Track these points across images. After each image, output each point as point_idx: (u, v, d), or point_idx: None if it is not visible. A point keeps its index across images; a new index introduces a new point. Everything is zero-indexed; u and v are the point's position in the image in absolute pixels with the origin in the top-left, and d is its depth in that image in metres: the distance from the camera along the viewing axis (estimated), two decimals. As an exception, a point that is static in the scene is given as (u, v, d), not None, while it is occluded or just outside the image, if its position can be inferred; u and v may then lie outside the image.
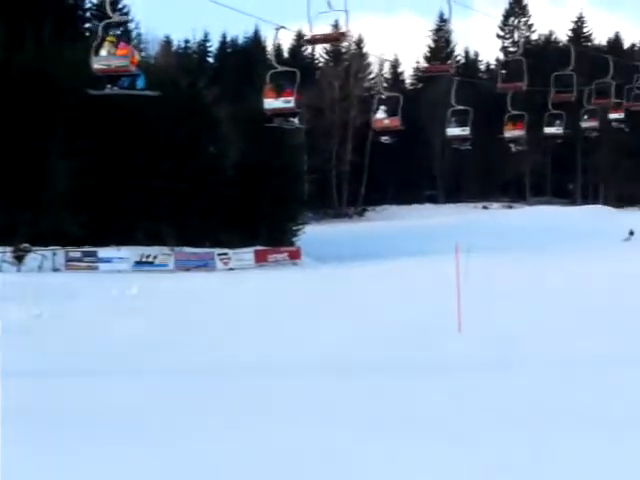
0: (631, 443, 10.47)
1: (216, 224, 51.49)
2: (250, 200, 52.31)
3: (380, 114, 35.31)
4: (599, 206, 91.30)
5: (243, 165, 53.66)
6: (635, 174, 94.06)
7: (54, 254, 48.22)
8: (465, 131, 38.53)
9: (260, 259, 51.25)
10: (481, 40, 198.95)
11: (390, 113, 35.19)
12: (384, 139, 39.90)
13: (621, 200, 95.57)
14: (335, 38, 31.61)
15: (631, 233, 64.51)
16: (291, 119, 32.28)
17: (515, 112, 41.40)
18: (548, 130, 46.62)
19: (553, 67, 52.94)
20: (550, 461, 9.89)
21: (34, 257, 47.35)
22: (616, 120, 58.48)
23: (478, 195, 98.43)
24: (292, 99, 29.80)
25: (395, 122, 34.84)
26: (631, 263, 46.52)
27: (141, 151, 49.48)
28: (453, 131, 39.12)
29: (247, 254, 51.04)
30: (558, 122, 46.46)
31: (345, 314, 29.22)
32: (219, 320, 27.73)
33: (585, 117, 52.02)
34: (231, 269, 48.93)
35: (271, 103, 30.15)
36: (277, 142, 54.38)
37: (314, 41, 31.53)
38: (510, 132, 41.93)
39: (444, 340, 22.26)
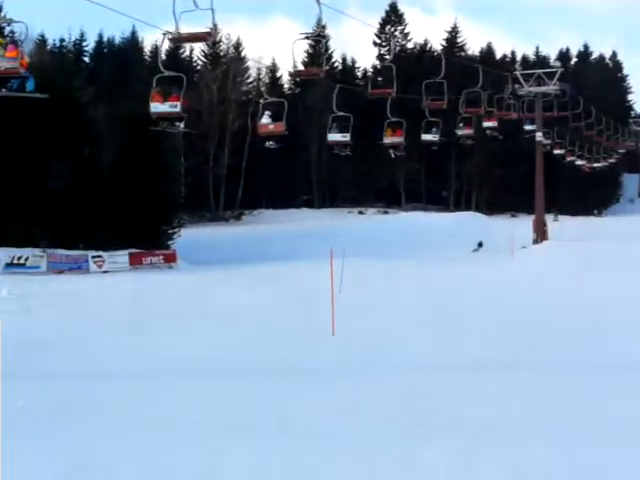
0: (487, 446, 10.79)
1: (90, 226, 50.56)
2: (125, 202, 51.51)
3: (265, 119, 35.66)
4: (471, 212, 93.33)
5: (118, 166, 52.84)
6: (505, 181, 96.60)
7: None
8: (346, 137, 38.99)
9: (135, 262, 50.65)
10: (359, 47, 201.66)
11: (274, 118, 35.49)
12: (269, 144, 39.88)
13: (492, 207, 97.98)
14: (201, 37, 31.37)
15: (480, 245, 65.82)
16: (177, 123, 32.92)
17: (394, 119, 42.18)
18: (425, 137, 47.76)
19: (428, 75, 53.97)
20: (411, 468, 10.11)
21: None
22: (489, 128, 60.25)
23: (354, 200, 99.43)
24: (178, 104, 30.00)
25: (279, 127, 35.25)
26: (499, 267, 47.86)
27: (13, 151, 48.29)
28: (334, 137, 39.58)
29: (122, 257, 50.38)
30: (434, 129, 47.57)
31: (219, 318, 29.17)
32: (87, 323, 27.34)
33: (460, 125, 53.47)
34: (105, 272, 48.26)
35: (157, 107, 30.30)
36: (154, 144, 53.79)
37: (180, 40, 31.50)
38: (389, 138, 42.81)
39: (317, 344, 22.47)
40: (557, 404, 13.50)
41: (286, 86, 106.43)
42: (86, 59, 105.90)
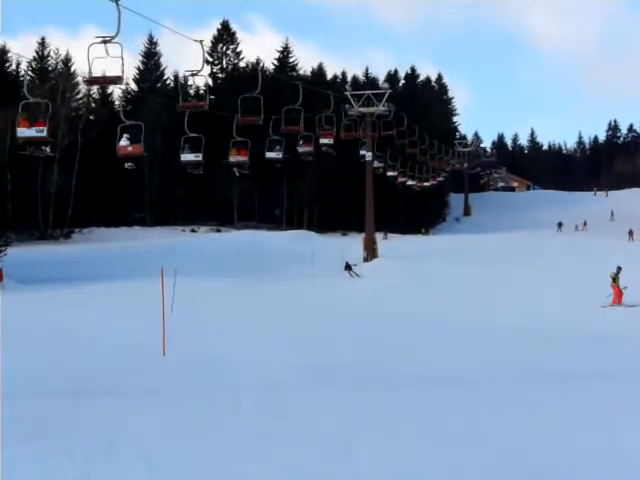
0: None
1: None
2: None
3: (124, 141, 35.68)
4: (304, 231, 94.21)
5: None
6: (336, 201, 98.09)
7: None
8: (198, 157, 39.81)
9: (-42, 281, 48.90)
10: (191, 64, 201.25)
11: (132, 140, 35.76)
12: (128, 165, 41.08)
13: (323, 225, 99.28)
14: (112, 81, 32.09)
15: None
16: (43, 147, 32.65)
17: (239, 139, 42.95)
18: (269, 154, 48.65)
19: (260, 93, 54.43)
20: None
21: None
22: (325, 145, 61.50)
23: (187, 218, 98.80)
24: (44, 128, 30.38)
25: (138, 149, 35.51)
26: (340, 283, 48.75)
27: None
28: (187, 157, 40.18)
29: (-57, 276, 48.55)
30: (278, 147, 48.60)
31: (45, 340, 28.53)
32: None
33: (300, 142, 54.69)
34: None
35: (24, 132, 30.61)
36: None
37: (93, 82, 32.47)
38: (234, 157, 43.68)
39: (148, 364, 22.31)
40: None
41: (117, 102, 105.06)
42: None
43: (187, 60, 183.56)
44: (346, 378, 19.56)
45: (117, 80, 31.03)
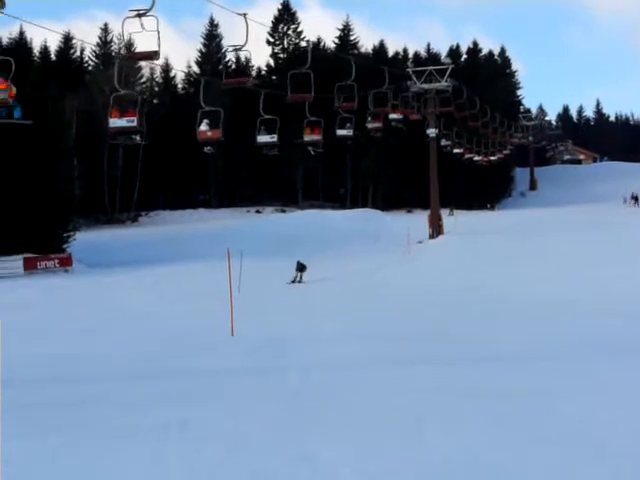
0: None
1: (-19, 231, 49.41)
2: (18, 206, 50.47)
3: (203, 127, 37.08)
4: (368, 209, 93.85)
5: (9, 170, 51.74)
6: (400, 178, 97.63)
7: None
8: (274, 138, 40.67)
9: (29, 267, 49.57)
10: (253, 46, 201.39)
11: (212, 125, 37.17)
12: (207, 149, 42.27)
13: (388, 203, 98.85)
14: (148, 56, 32.62)
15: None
16: (133, 136, 34.53)
17: (313, 118, 43.67)
18: (340, 132, 49.54)
19: (322, 74, 54.57)
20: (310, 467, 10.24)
21: None
22: (395, 120, 61.71)
23: (252, 199, 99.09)
24: (135, 119, 31.39)
25: (217, 134, 36.79)
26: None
27: None
28: (263, 138, 41.15)
29: (15, 262, 49.31)
30: (348, 125, 49.35)
31: (116, 322, 28.91)
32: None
33: (369, 119, 55.33)
34: (-2, 278, 47.20)
35: (115, 122, 31.83)
36: (46, 147, 52.86)
37: (129, 58, 33.03)
38: (309, 136, 44.72)
39: (217, 345, 22.47)
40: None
41: (180, 86, 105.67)
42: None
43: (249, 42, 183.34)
44: (415, 354, 19.46)
45: (153, 55, 31.24)
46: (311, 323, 26.78)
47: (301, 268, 42.10)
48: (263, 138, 41.08)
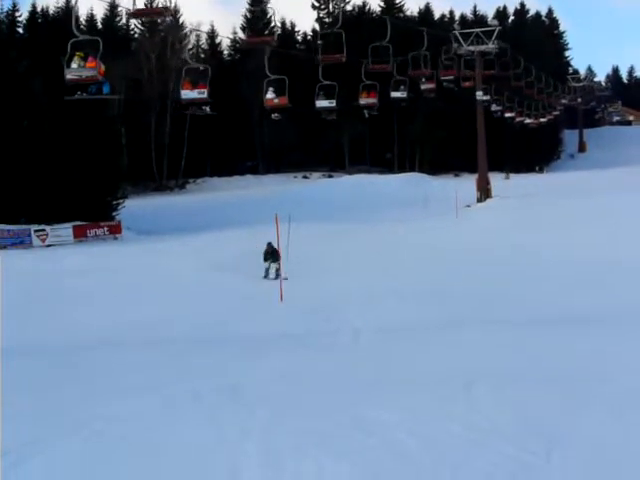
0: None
1: (33, 200, 49.85)
2: (67, 174, 50.80)
3: (270, 94, 38.29)
4: (416, 173, 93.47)
5: (59, 138, 52.09)
6: (447, 142, 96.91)
7: None
8: (332, 103, 41.89)
9: (79, 234, 50.05)
10: (297, 11, 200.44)
11: (279, 93, 38.23)
12: (274, 116, 44.61)
13: (435, 167, 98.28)
14: (159, 12, 33.24)
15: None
16: (203, 107, 36.39)
17: (368, 82, 44.57)
18: (394, 94, 50.61)
19: (368, 38, 54.22)
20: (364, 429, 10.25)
21: None
22: (447, 80, 61.44)
23: (299, 165, 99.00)
24: (205, 90, 33.34)
25: (284, 101, 37.87)
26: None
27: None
28: (321, 103, 42.31)
29: (65, 230, 49.73)
30: (402, 87, 50.25)
31: (167, 288, 29.14)
32: (37, 299, 27.12)
33: (423, 80, 55.62)
34: (49, 245, 47.71)
35: (187, 94, 33.91)
36: (93, 115, 53.11)
37: (137, 15, 33.41)
38: (364, 100, 46.07)
39: (267, 310, 22.58)
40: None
41: (226, 52, 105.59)
42: (20, 30, 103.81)
43: (294, 6, 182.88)
44: (462, 317, 19.40)
45: (164, 11, 31.69)
46: (363, 284, 26.80)
47: (272, 255, 30.06)
48: (322, 103, 42.20)
